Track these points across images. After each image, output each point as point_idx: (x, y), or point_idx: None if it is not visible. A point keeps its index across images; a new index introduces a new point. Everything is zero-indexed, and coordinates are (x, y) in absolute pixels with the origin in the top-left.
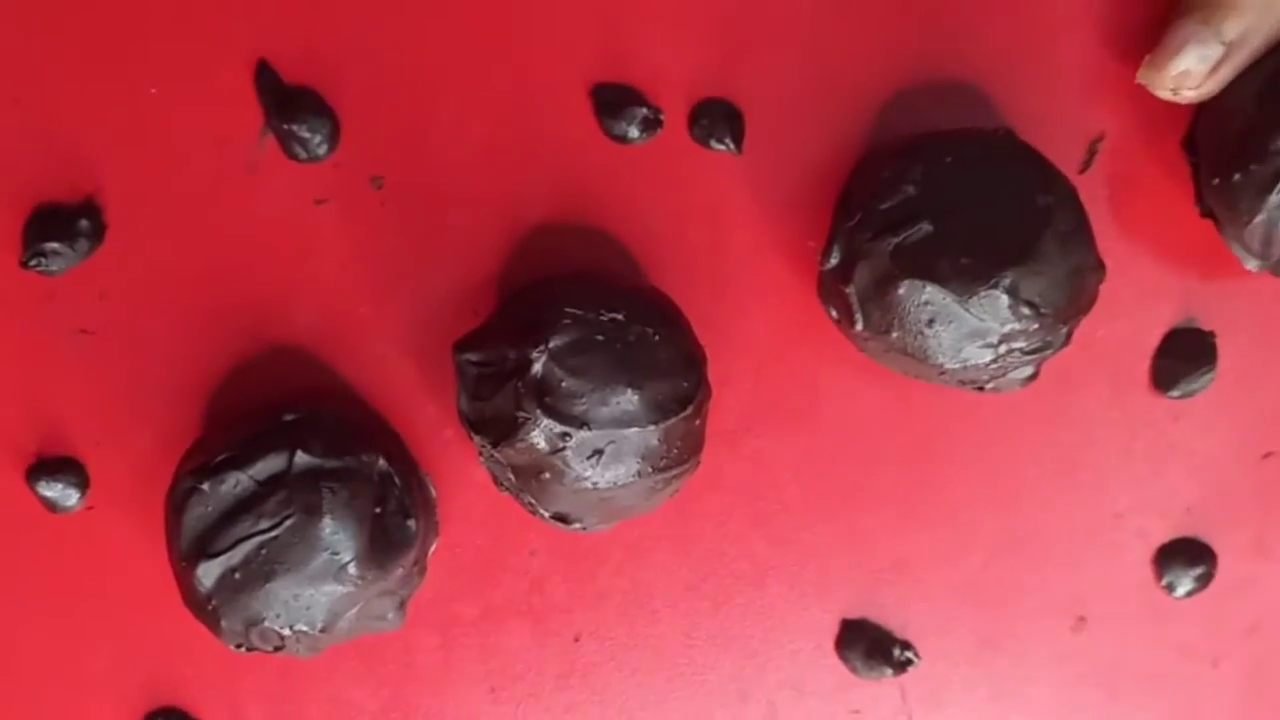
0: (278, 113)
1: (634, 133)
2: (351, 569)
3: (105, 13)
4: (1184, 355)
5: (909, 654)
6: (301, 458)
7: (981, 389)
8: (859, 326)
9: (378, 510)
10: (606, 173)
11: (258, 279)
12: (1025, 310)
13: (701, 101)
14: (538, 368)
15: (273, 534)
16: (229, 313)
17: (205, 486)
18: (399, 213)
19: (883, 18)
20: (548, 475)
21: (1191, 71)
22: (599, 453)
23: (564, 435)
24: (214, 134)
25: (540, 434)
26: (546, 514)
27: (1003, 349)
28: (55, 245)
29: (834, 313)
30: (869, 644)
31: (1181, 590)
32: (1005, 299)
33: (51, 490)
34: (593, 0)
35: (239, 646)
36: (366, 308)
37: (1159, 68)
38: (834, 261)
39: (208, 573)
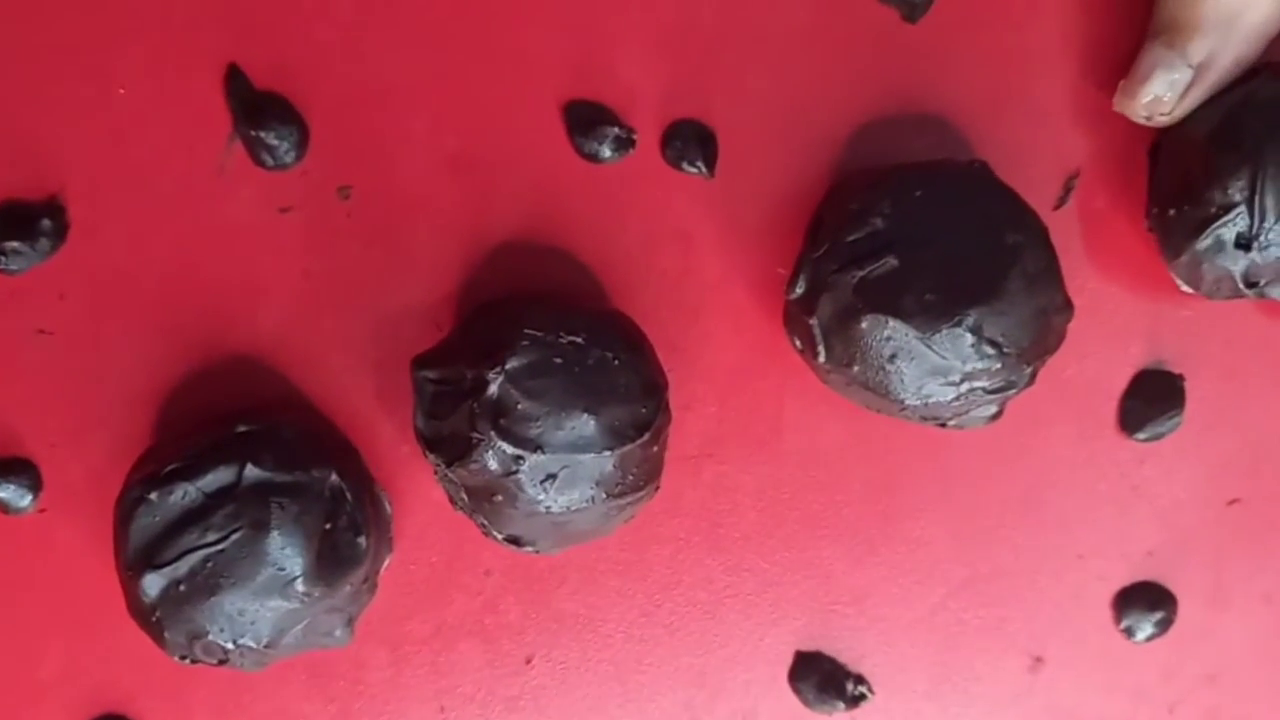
0: (246, 118)
1: (605, 152)
2: (298, 585)
3: (76, 10)
4: (1152, 398)
5: (863, 688)
6: (251, 471)
7: (944, 425)
8: (821, 359)
9: (328, 526)
10: (576, 191)
11: (220, 285)
12: (989, 349)
13: (675, 123)
14: (494, 389)
15: (219, 547)
16: (189, 318)
17: (153, 496)
18: (365, 223)
19: (861, 45)
20: (500, 498)
21: (1162, 97)
22: (552, 477)
23: (517, 458)
24: (181, 137)
25: (493, 456)
26: (499, 536)
27: (965, 387)
28: (16, 244)
29: (798, 343)
30: (822, 677)
31: (1141, 635)
32: (969, 337)
33: (4, 491)
34: (568, 17)
35: (183, 658)
36: (329, 318)
37: (1131, 95)
38: (799, 291)
39: (152, 584)
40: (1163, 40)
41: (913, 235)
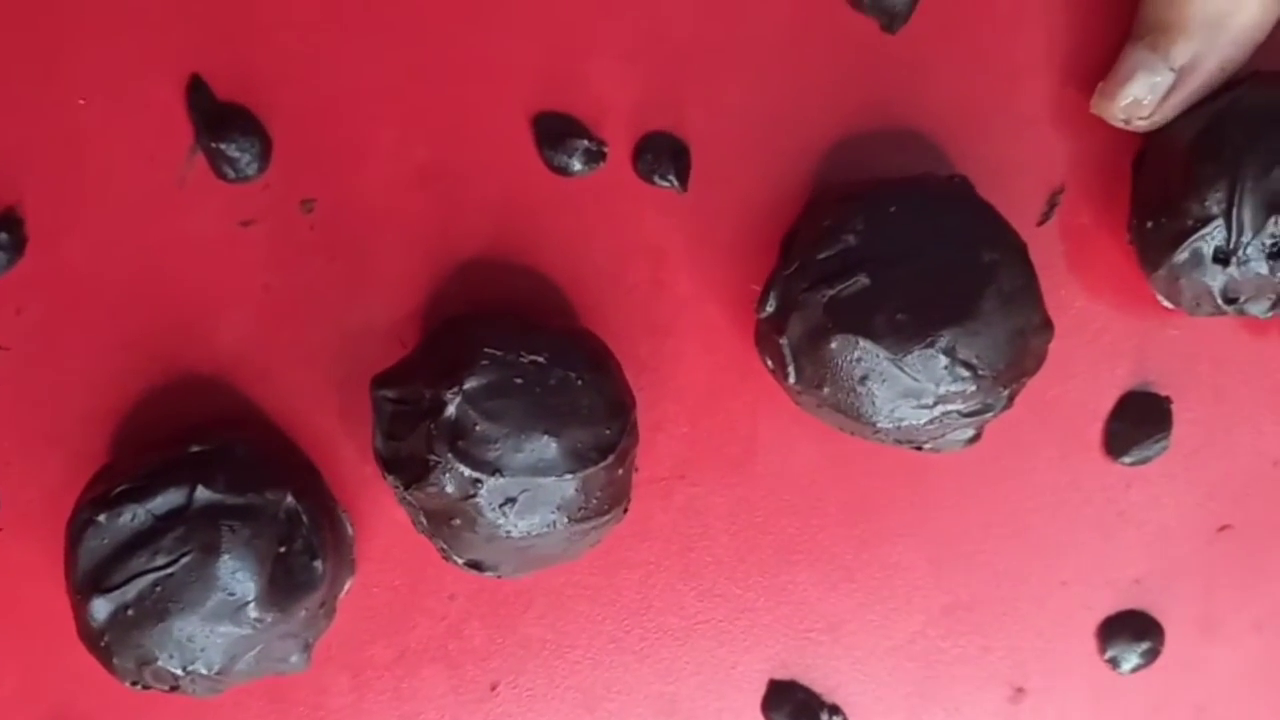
0: (208, 130)
1: (576, 165)
2: (250, 610)
3: (35, 19)
4: (1138, 420)
5: (837, 718)
6: (202, 493)
7: (919, 449)
8: (792, 380)
9: (282, 549)
10: (545, 205)
11: (179, 300)
12: (963, 371)
13: (647, 135)
14: (451, 409)
15: (168, 571)
16: (148, 333)
17: (102, 519)
18: (328, 237)
19: (839, 56)
20: (459, 521)
21: (1142, 100)
22: (512, 501)
23: (475, 481)
24: (142, 149)
25: (451, 479)
26: (460, 561)
27: (939, 410)
28: None
29: (769, 363)
30: (796, 706)
31: (1126, 665)
32: (942, 359)
33: None
34: (538, 26)
35: (134, 684)
36: (290, 334)
37: (1110, 96)
38: (770, 310)
39: (100, 608)
40: (1146, 42)
41: (886, 253)
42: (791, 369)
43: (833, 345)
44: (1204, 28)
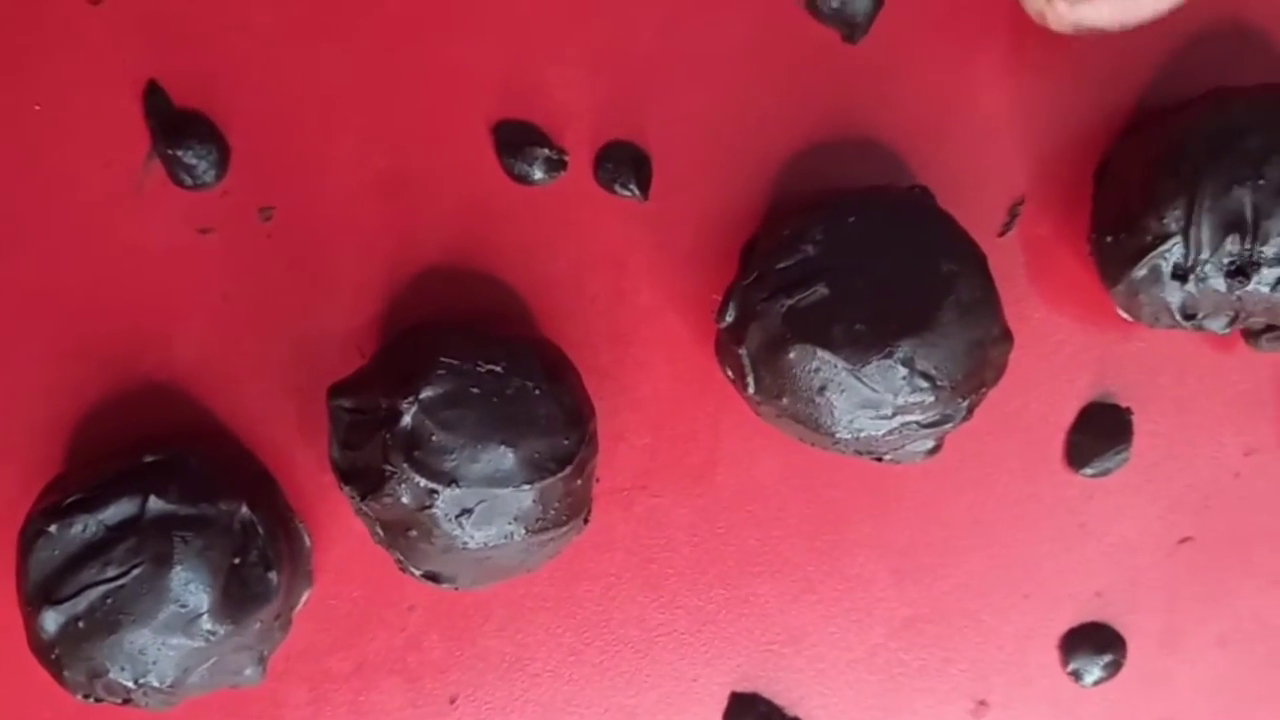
0: (165, 137)
1: (536, 173)
2: (203, 622)
3: None
4: (1099, 432)
5: None
6: (155, 504)
7: (880, 459)
8: (751, 390)
9: (236, 561)
10: (505, 214)
11: (135, 308)
12: (921, 382)
13: (608, 144)
14: (407, 419)
15: (119, 583)
16: (103, 341)
17: (53, 529)
18: (286, 245)
19: (800, 66)
20: (415, 533)
21: None
22: (468, 512)
23: (431, 492)
24: (99, 156)
25: (406, 490)
26: (417, 572)
27: (898, 421)
28: None
29: (729, 373)
30: (757, 719)
31: (1089, 678)
32: (900, 369)
33: None
34: (499, 33)
35: (85, 697)
36: (248, 343)
37: None
38: (729, 320)
39: (50, 620)
40: None
41: (844, 263)
42: (751, 379)
43: (791, 355)
44: None
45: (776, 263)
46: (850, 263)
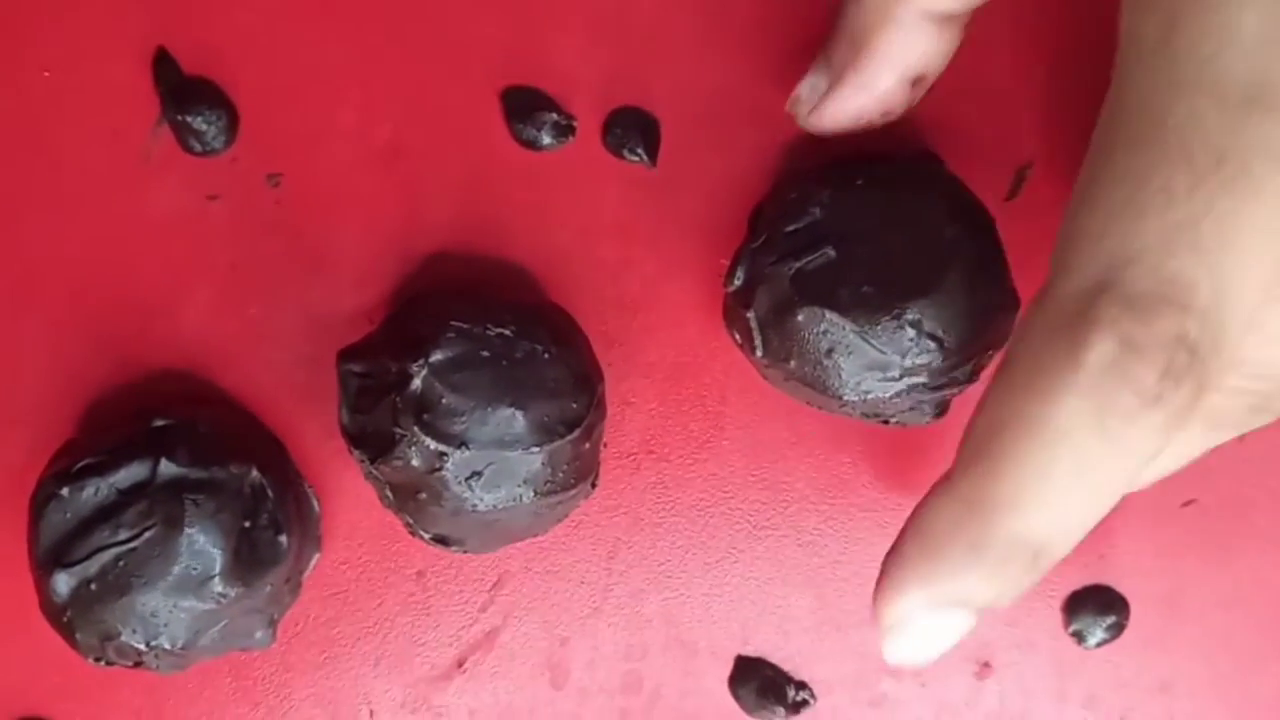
0: (174, 103)
1: (545, 139)
2: (214, 585)
3: None
4: None
5: (804, 695)
6: (166, 467)
7: (886, 423)
8: (759, 353)
9: (246, 524)
10: (514, 180)
11: (144, 275)
12: (929, 344)
13: (616, 109)
14: (417, 383)
15: (131, 545)
16: (112, 309)
17: (64, 492)
18: (295, 212)
19: (810, 31)
20: (424, 495)
21: (801, 98)
22: (478, 474)
23: (441, 455)
24: (108, 122)
25: (416, 452)
26: (426, 535)
27: (905, 383)
28: None
29: (737, 337)
30: (763, 682)
31: (1091, 640)
32: (908, 331)
33: None
34: (506, 1)
35: (97, 660)
36: (256, 309)
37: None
38: (737, 284)
39: (62, 583)
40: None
41: (852, 226)
42: (759, 342)
43: (799, 318)
44: (845, 38)
45: (784, 226)
46: (858, 226)
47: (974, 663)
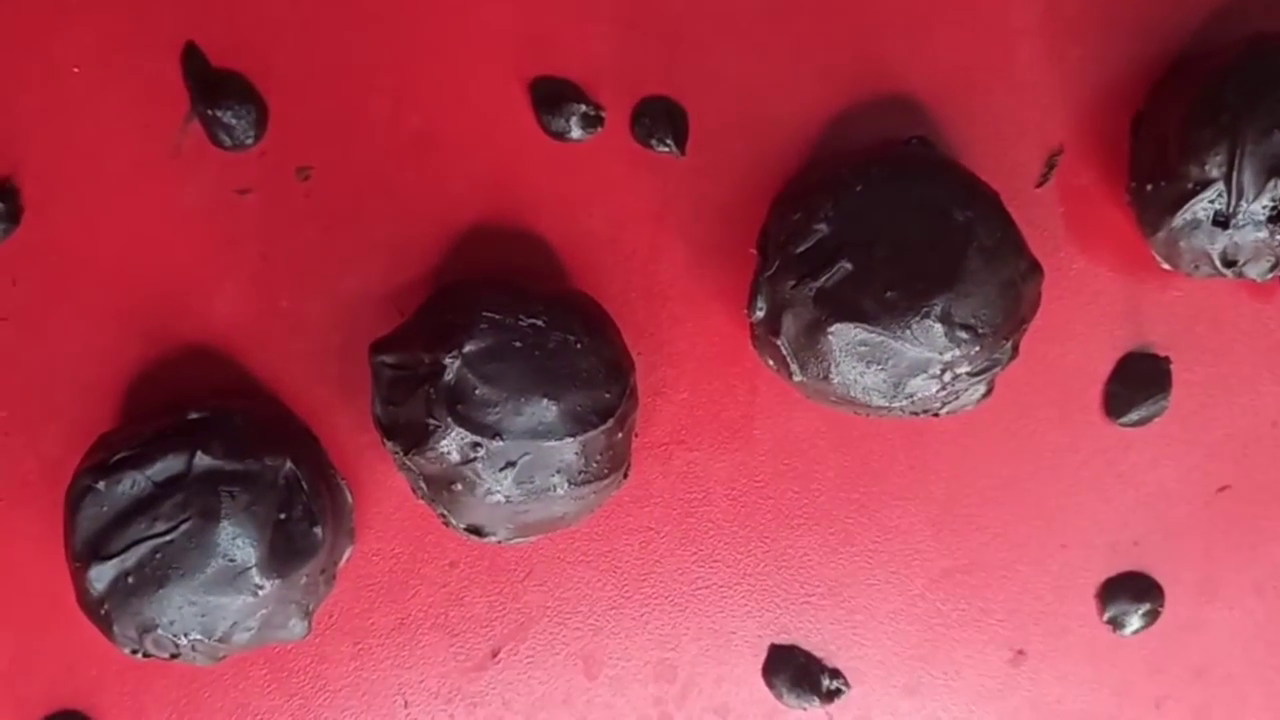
0: (204, 97)
1: (573, 130)
2: (250, 576)
3: None
4: (1138, 382)
5: (838, 683)
6: (201, 459)
7: (937, 415)
8: (797, 377)
9: (281, 516)
10: (543, 170)
11: (176, 269)
12: (962, 334)
13: (644, 99)
14: (450, 374)
15: (167, 538)
16: (145, 303)
17: (101, 486)
18: (325, 205)
19: (836, 22)
20: (459, 486)
21: None
22: (512, 464)
23: (475, 445)
24: (138, 117)
25: (451, 443)
26: (459, 525)
27: (948, 376)
28: None
29: (771, 363)
30: (797, 670)
31: (1127, 627)
32: (939, 326)
33: None
34: None
35: (134, 652)
36: (287, 302)
37: None
38: (760, 314)
39: (100, 575)
40: None
41: (861, 233)
42: (795, 367)
43: (830, 336)
44: None
45: (794, 248)
46: (866, 232)
47: (1009, 650)
